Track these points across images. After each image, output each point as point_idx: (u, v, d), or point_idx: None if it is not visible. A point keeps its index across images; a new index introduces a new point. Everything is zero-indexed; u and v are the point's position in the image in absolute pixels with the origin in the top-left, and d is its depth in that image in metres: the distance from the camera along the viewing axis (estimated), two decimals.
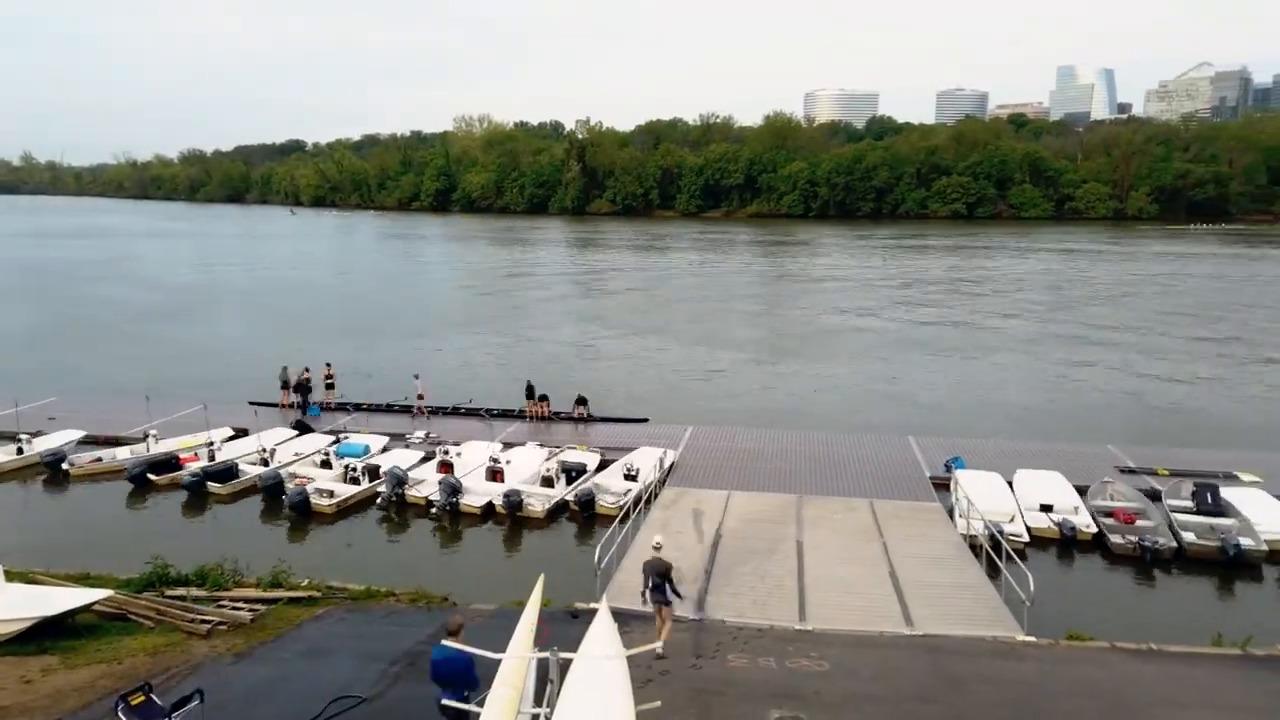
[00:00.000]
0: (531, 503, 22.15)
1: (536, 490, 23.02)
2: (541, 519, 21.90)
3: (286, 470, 24.30)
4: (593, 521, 21.81)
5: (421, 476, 23.90)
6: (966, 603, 16.00)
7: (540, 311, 57.94)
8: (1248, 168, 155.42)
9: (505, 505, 21.90)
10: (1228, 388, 36.62)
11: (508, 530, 21.60)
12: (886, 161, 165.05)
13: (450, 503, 22.10)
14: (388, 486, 22.71)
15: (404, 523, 22.16)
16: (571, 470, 23.90)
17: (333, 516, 22.29)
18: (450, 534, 21.49)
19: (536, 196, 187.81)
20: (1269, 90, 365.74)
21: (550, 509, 22.20)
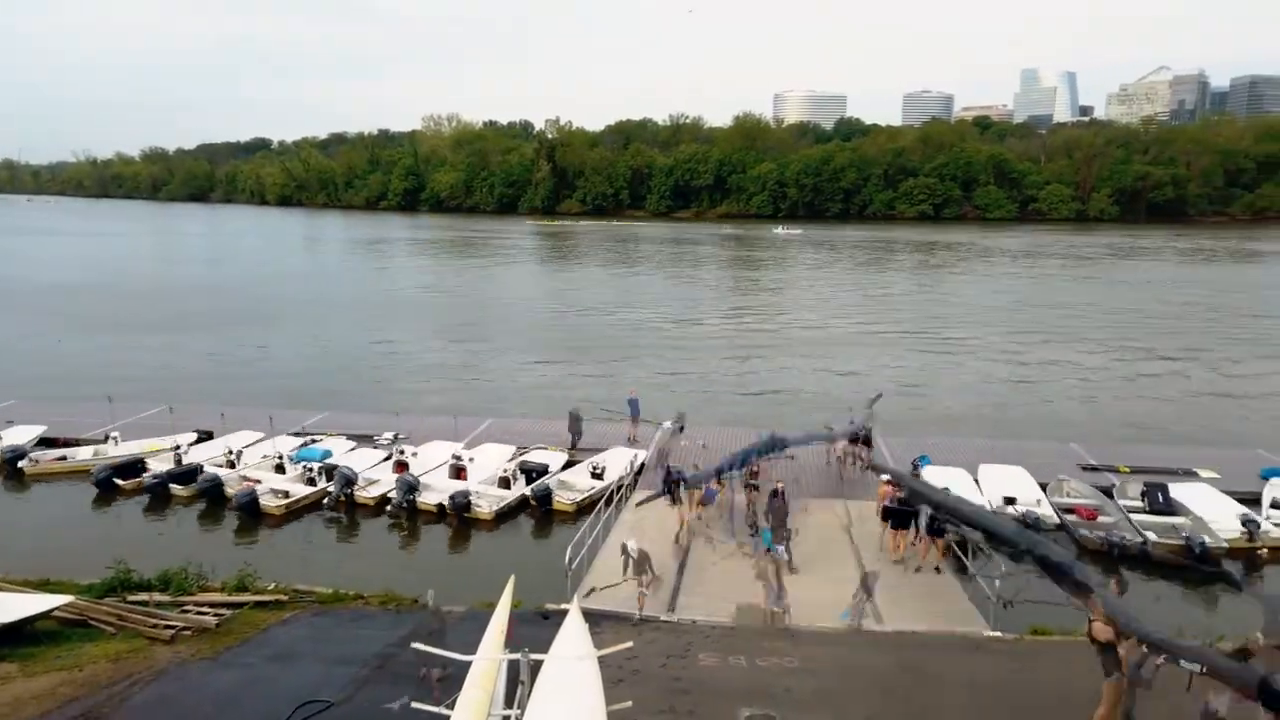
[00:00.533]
0: (479, 504, 21.99)
1: (487, 491, 22.86)
2: (490, 520, 21.75)
3: (237, 473, 23.99)
4: (550, 518, 21.77)
5: (375, 477, 23.69)
6: (933, 598, 16.21)
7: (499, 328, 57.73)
8: (1205, 170, 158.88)
9: (452, 506, 21.73)
10: (1184, 385, 37.37)
11: (469, 530, 21.47)
12: (854, 163, 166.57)
13: (408, 500, 21.94)
14: (336, 487, 22.46)
15: (355, 523, 21.94)
16: (532, 471, 23.82)
17: (282, 518, 21.99)
18: (411, 534, 21.32)
19: (506, 196, 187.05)
20: (1226, 94, 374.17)
21: (500, 510, 22.04)
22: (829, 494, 22.41)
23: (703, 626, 14.95)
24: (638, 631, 14.39)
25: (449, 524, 21.74)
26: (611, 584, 12.31)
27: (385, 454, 25.44)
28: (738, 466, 20.25)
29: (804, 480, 23.44)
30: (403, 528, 21.52)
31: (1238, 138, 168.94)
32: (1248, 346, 45.60)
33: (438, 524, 21.80)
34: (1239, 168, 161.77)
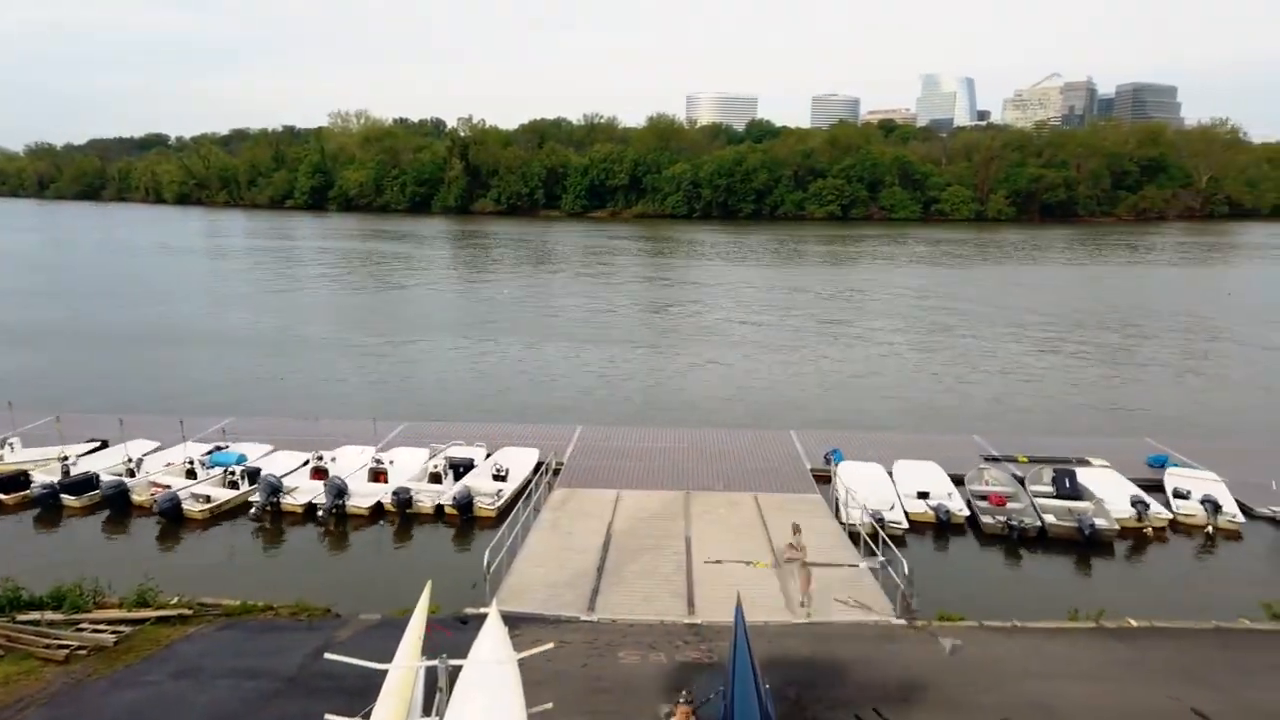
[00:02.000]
0: (421, 499, 21.81)
1: (426, 487, 22.64)
2: (432, 515, 21.61)
3: (145, 480, 23.00)
4: (472, 524, 21.56)
5: (298, 484, 23.03)
6: (847, 589, 16.62)
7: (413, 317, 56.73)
8: (1093, 172, 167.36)
9: (395, 503, 21.48)
10: (1079, 378, 39.26)
11: (393, 535, 21.09)
12: (766, 164, 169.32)
13: (337, 505, 21.43)
14: (261, 495, 21.80)
15: (280, 532, 21.32)
16: (459, 465, 23.66)
17: (204, 523, 21.23)
18: (334, 541, 20.80)
19: (418, 195, 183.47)
20: (1111, 100, 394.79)
21: (439, 504, 21.91)
22: (743, 487, 22.75)
23: (622, 625, 15.01)
24: (558, 633, 14.36)
25: (389, 522, 21.41)
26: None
27: (303, 459, 24.74)
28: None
29: (722, 474, 23.75)
30: (332, 534, 20.98)
31: (1122, 142, 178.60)
32: (1134, 340, 48.19)
33: (370, 526, 21.34)
34: (1124, 170, 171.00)
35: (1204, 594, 17.73)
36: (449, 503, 21.98)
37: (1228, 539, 20.86)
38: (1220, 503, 21.46)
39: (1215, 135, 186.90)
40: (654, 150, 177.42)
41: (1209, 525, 21.09)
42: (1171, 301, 63.98)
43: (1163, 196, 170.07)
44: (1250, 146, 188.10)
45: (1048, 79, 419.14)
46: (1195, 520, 21.32)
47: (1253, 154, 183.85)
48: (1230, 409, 34.13)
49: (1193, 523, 21.32)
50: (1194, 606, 16.31)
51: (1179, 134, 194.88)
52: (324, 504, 21.48)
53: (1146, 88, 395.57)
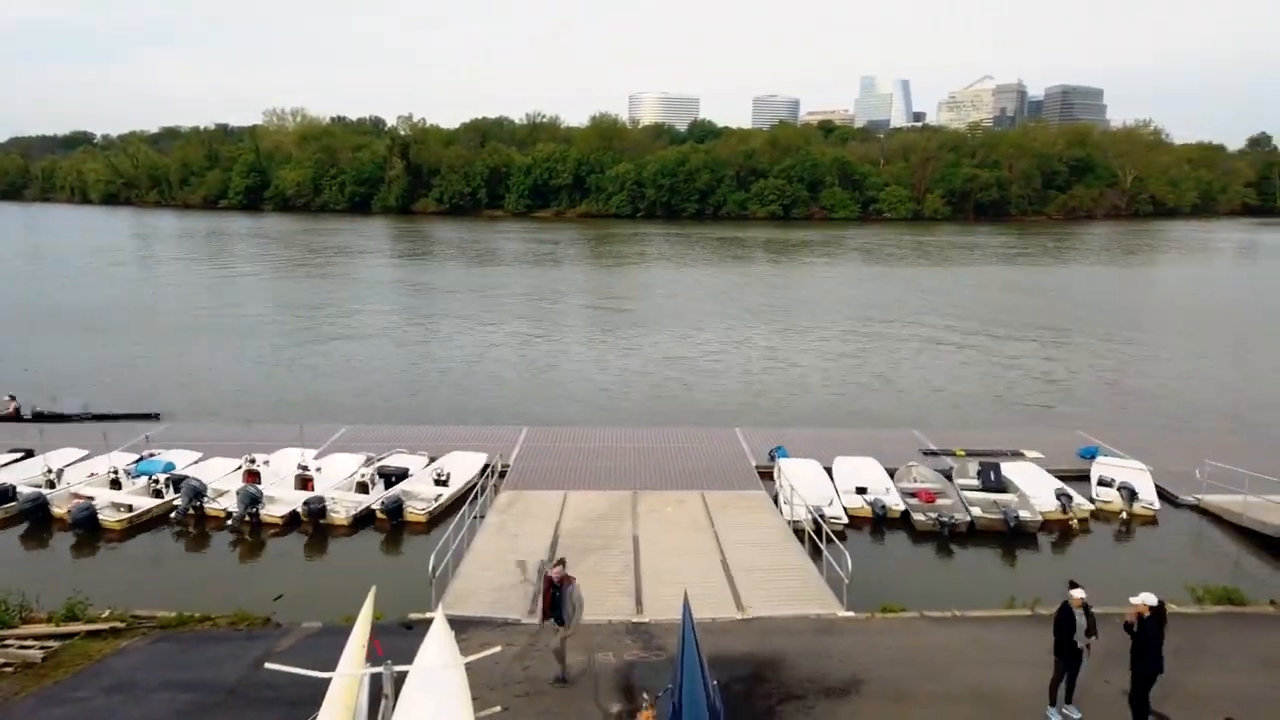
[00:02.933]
0: (336, 510, 21.26)
1: (344, 496, 22.13)
2: (346, 526, 21.07)
3: (68, 490, 22.23)
4: (402, 529, 21.24)
5: (227, 487, 22.46)
6: (792, 584, 16.86)
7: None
8: (1024, 172, 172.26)
9: (307, 513, 20.90)
10: (1013, 372, 40.37)
11: (325, 540, 20.66)
12: (708, 164, 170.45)
13: (250, 513, 20.93)
14: (184, 500, 21.21)
15: (205, 537, 20.77)
16: (391, 475, 23.19)
17: (124, 533, 20.56)
18: (259, 547, 20.31)
19: (358, 194, 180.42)
20: (1041, 102, 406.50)
21: (359, 515, 21.40)
22: (689, 485, 22.89)
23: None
24: (506, 635, 14.28)
25: (303, 532, 20.87)
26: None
27: (235, 464, 24.14)
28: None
29: (669, 473, 23.86)
30: (246, 541, 20.49)
31: (1051, 143, 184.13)
32: (1069, 335, 49.72)
33: (289, 534, 20.88)
34: (1053, 170, 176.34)
35: (1129, 580, 18.34)
36: (378, 508, 21.57)
37: (1144, 525, 21.69)
38: (1137, 490, 22.27)
39: (1139, 136, 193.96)
40: (597, 150, 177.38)
41: (1124, 512, 21.93)
42: (1104, 298, 66.17)
43: (1090, 196, 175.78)
44: (1172, 147, 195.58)
45: (980, 81, 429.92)
46: (1112, 507, 22.13)
47: (1174, 154, 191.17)
48: (1161, 402, 35.44)
49: (1110, 509, 22.12)
50: (1121, 592, 16.87)
51: (1105, 135, 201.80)
52: (236, 511, 20.90)
53: (1074, 90, 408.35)
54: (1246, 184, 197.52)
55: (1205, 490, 22.55)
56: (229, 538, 20.68)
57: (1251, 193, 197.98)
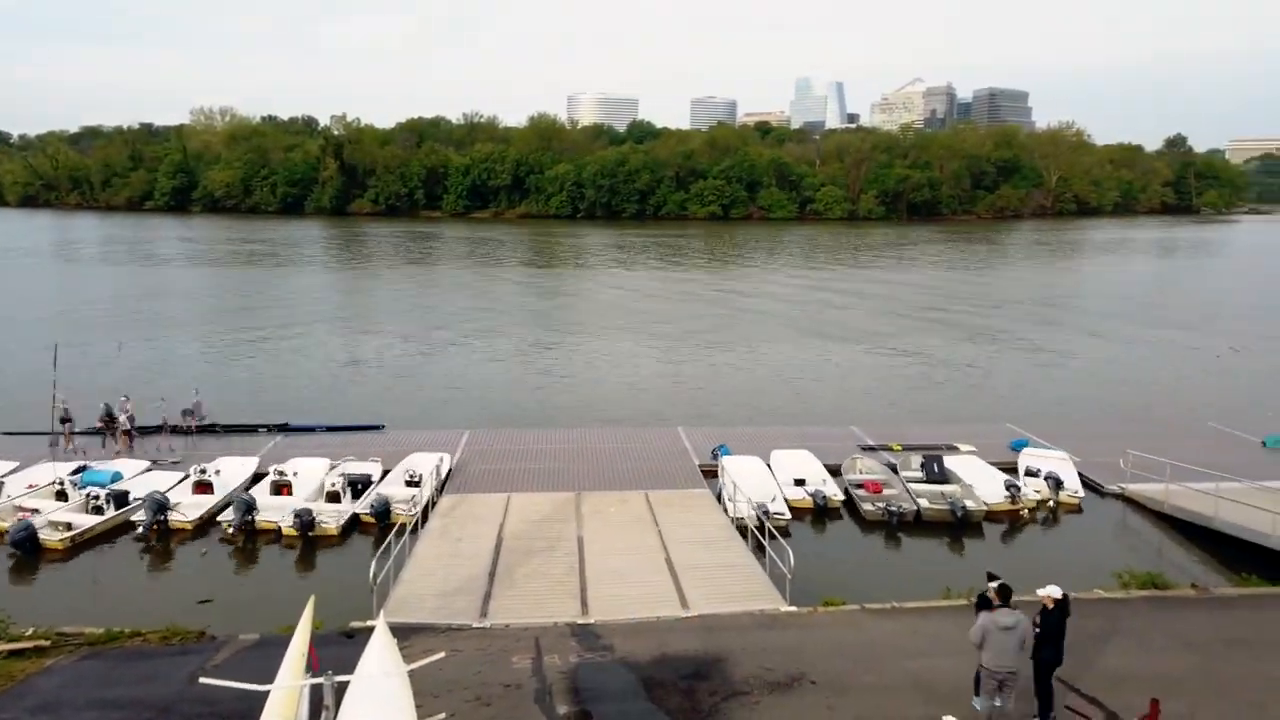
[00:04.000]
0: (325, 520, 20.81)
1: (328, 507, 21.69)
2: (336, 536, 20.71)
3: (8, 504, 21.32)
4: (388, 532, 20.93)
5: (180, 499, 21.76)
6: (735, 580, 17.02)
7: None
8: (954, 173, 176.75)
9: (297, 525, 20.38)
10: (945, 368, 41.38)
11: (277, 554, 20.20)
12: (648, 165, 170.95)
13: (245, 521, 20.42)
14: (147, 514, 20.42)
15: (166, 553, 20.10)
16: (358, 482, 22.82)
17: (68, 553, 19.78)
18: (213, 561, 19.78)
19: (291, 196, 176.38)
20: (970, 105, 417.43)
21: (345, 524, 21.05)
22: (633, 485, 22.94)
23: (516, 630, 14.90)
24: (450, 641, 14.14)
25: (292, 544, 20.40)
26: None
27: (182, 475, 23.39)
28: None
29: (613, 473, 23.88)
30: (241, 550, 20.02)
31: (980, 144, 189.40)
32: (997, 331, 51.13)
33: (273, 545, 20.42)
34: (982, 171, 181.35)
35: (1063, 568, 18.99)
36: (365, 511, 21.34)
37: (1069, 513, 22.46)
38: (1062, 480, 23.07)
39: (1063, 138, 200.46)
40: (536, 150, 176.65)
41: (1050, 500, 22.70)
42: (1031, 294, 68.21)
43: (1018, 196, 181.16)
44: (1094, 148, 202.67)
45: (911, 84, 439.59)
46: (1040, 496, 22.86)
47: (1096, 155, 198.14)
48: (1086, 394, 36.66)
49: (1038, 499, 22.83)
50: (1055, 580, 17.41)
51: (1030, 137, 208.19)
52: (234, 520, 20.36)
53: (1001, 93, 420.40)
54: (1164, 183, 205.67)
55: (1129, 479, 23.41)
56: (183, 552, 20.03)
57: (1169, 192, 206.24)
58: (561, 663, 13.56)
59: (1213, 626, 14.91)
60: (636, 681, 12.96)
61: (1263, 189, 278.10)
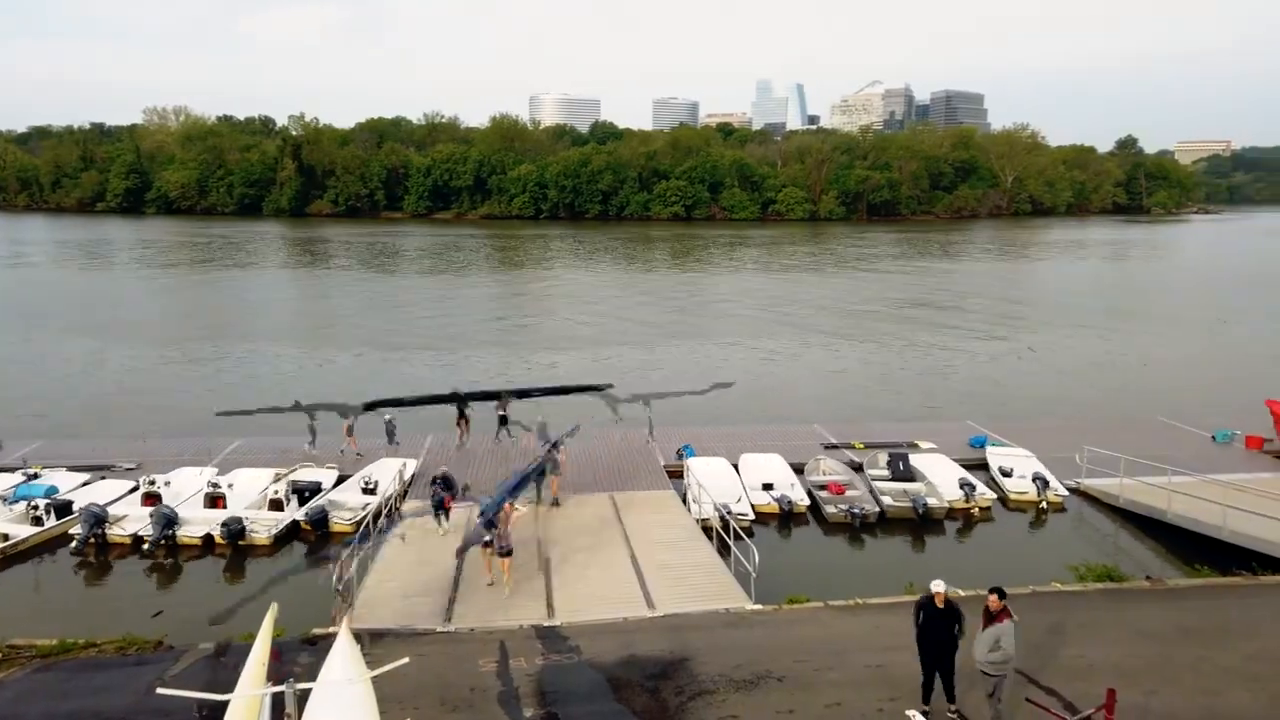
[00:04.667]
0: (255, 529, 20.47)
1: (262, 515, 21.32)
2: (268, 545, 20.37)
3: None
4: (326, 540, 20.68)
5: (125, 512, 21.31)
6: (701, 580, 17.08)
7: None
8: (913, 174, 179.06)
9: (225, 534, 20.05)
10: (905, 366, 41.91)
11: (231, 560, 19.89)
12: (611, 166, 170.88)
13: (165, 535, 19.96)
14: (84, 527, 19.93)
15: (106, 565, 19.69)
16: (304, 490, 22.46)
17: (1, 565, 19.27)
18: (166, 571, 19.40)
19: (248, 197, 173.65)
20: (927, 106, 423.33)
21: (279, 534, 20.71)
22: (599, 487, 22.92)
23: (481, 634, 14.82)
24: (414, 646, 14.01)
25: (220, 554, 20.01)
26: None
27: (130, 486, 22.87)
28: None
29: (579, 474, 23.82)
30: (162, 567, 19.51)
31: (937, 145, 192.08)
32: (955, 329, 51.89)
33: (203, 558, 19.98)
34: (940, 172, 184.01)
35: (1023, 563, 19.38)
36: (302, 519, 21.01)
37: (1055, 512, 22.78)
38: (1048, 479, 23.39)
39: (1018, 139, 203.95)
40: (498, 151, 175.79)
41: (1043, 501, 22.90)
42: (985, 293, 69.32)
43: (975, 196, 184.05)
44: (1048, 149, 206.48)
45: (870, 86, 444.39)
46: (1028, 497, 23.10)
47: (1050, 156, 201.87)
48: (1040, 390, 37.35)
49: (1026, 499, 23.10)
50: (1015, 575, 17.75)
51: (986, 138, 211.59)
52: (152, 535, 19.89)
53: (957, 95, 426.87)
54: (1116, 184, 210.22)
55: (1085, 474, 23.89)
56: (129, 564, 19.59)
57: (1120, 192, 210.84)
58: (528, 665, 13.52)
59: (1166, 617, 15.26)
60: (603, 682, 12.96)
61: (1210, 189, 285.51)
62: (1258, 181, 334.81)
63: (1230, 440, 27.28)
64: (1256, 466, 24.93)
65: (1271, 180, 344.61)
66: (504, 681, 13.01)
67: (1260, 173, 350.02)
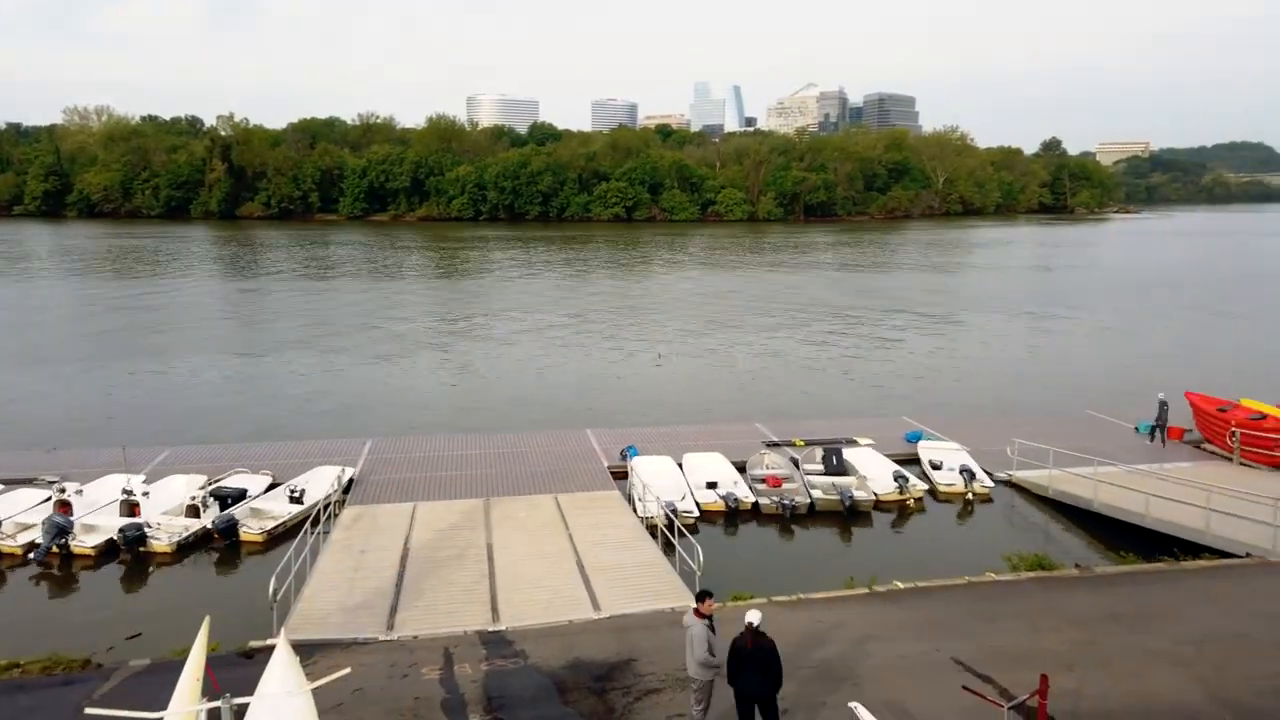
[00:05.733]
0: (158, 536, 19.77)
1: (167, 522, 20.58)
2: (169, 553, 19.66)
3: None
4: (238, 550, 20.13)
5: (33, 521, 20.37)
6: (646, 580, 17.12)
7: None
8: (848, 175, 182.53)
9: (123, 540, 19.31)
10: (845, 366, 42.62)
11: (147, 570, 19.19)
12: (550, 167, 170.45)
13: (58, 545, 19.14)
14: (45, 538, 19.10)
15: (73, 578, 18.89)
16: (228, 497, 21.83)
17: None
18: (70, 583, 18.64)
19: (175, 199, 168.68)
20: (861, 109, 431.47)
21: (185, 541, 20.00)
22: (543, 489, 22.83)
23: (425, 640, 14.62)
24: (356, 656, 13.76)
25: (121, 562, 19.32)
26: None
27: (45, 495, 21.97)
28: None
29: (522, 478, 23.69)
30: (54, 577, 18.76)
31: (871, 147, 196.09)
32: (891, 328, 52.94)
33: (108, 565, 19.28)
34: (874, 173, 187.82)
35: (958, 553, 19.87)
36: (212, 527, 20.34)
37: (982, 503, 23.39)
38: (974, 471, 24.04)
39: (948, 141, 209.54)
40: (436, 152, 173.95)
41: (969, 492, 23.53)
42: (915, 292, 70.90)
43: (908, 197, 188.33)
44: (977, 151, 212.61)
45: (805, 88, 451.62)
46: (955, 489, 23.69)
47: (979, 157, 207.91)
48: (971, 385, 38.31)
49: (953, 491, 23.69)
50: (950, 565, 18.22)
51: (918, 140, 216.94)
52: (42, 544, 19.06)
53: (889, 97, 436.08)
54: (1041, 184, 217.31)
55: (1015, 467, 24.60)
56: (28, 576, 18.81)
57: (1046, 192, 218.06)
58: (473, 671, 13.38)
59: (1095, 604, 15.80)
60: (550, 686, 12.90)
61: (1130, 189, 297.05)
62: (1174, 182, 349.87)
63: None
64: (1177, 456, 26.00)
65: (1186, 180, 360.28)
66: (448, 689, 12.86)
67: (1176, 173, 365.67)
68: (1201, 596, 16.03)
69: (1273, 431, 24.49)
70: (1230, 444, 25.37)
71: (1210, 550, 18.65)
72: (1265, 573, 17.27)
